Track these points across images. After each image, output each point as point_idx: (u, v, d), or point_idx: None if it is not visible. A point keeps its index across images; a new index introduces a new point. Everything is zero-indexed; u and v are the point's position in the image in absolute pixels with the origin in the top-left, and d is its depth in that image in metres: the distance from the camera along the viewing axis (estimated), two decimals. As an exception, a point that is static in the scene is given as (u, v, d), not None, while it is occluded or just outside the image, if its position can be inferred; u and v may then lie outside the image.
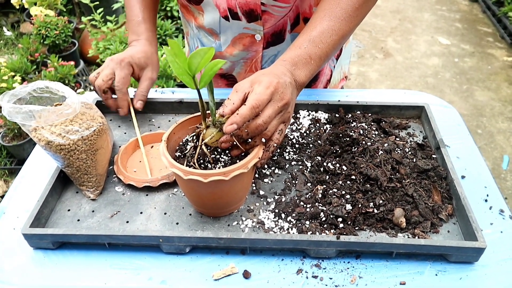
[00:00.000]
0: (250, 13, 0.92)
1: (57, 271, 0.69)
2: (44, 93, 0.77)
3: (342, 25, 0.79)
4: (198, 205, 0.75)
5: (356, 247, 0.68)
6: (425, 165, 0.80)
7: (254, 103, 0.66)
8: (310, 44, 0.77)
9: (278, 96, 0.68)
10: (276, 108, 0.68)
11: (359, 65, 3.21)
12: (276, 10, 0.93)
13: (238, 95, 0.68)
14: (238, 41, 1.00)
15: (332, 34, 0.78)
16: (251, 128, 0.67)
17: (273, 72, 0.71)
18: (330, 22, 0.78)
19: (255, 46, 1.00)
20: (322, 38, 0.77)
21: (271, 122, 0.69)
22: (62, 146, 0.73)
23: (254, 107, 0.66)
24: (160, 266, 0.70)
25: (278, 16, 0.94)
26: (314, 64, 0.77)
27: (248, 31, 0.97)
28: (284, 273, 0.68)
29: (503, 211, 0.77)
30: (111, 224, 0.75)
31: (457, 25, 3.66)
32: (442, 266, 0.69)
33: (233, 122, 0.64)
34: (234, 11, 0.93)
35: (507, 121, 2.67)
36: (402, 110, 0.96)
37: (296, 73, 0.75)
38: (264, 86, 0.67)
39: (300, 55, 0.76)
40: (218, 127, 0.68)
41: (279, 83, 0.69)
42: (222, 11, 0.94)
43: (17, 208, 0.79)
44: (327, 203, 0.75)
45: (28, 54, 2.53)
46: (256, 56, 1.02)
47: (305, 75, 0.76)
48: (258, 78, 0.70)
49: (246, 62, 1.05)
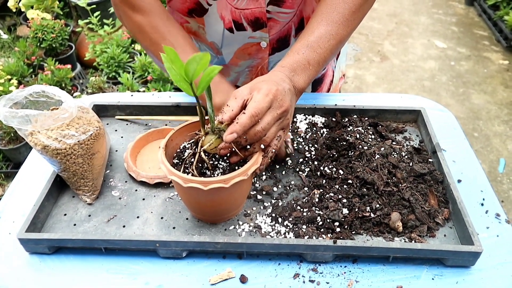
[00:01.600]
0: (256, 22, 0.92)
1: (53, 276, 0.69)
2: (41, 97, 0.77)
3: (339, 29, 0.79)
4: (197, 212, 0.75)
5: (353, 252, 0.68)
6: (421, 169, 0.80)
7: (254, 111, 0.66)
8: (308, 49, 0.77)
9: (277, 103, 0.68)
10: (275, 115, 0.68)
11: (356, 68, 3.21)
12: (281, 16, 0.92)
13: (237, 101, 0.68)
14: (242, 52, 0.99)
15: (330, 39, 0.78)
16: (250, 135, 0.67)
17: (272, 79, 0.71)
18: (327, 27, 0.78)
19: (260, 53, 0.99)
20: (320, 43, 0.77)
21: (270, 129, 0.69)
22: (58, 150, 0.73)
23: (254, 115, 0.65)
24: (156, 270, 0.70)
25: (283, 22, 0.94)
26: (312, 69, 0.77)
27: (254, 40, 0.96)
28: (281, 278, 0.68)
29: (499, 215, 0.77)
30: (108, 228, 0.75)
31: (453, 28, 3.68)
32: (439, 270, 0.69)
33: (233, 131, 0.64)
34: (239, 22, 0.92)
35: (503, 124, 2.68)
36: (399, 114, 0.96)
37: (295, 79, 0.75)
38: (263, 94, 0.67)
39: (298, 61, 0.76)
40: (217, 134, 0.68)
41: (278, 90, 0.69)
42: (227, 23, 0.93)
43: (13, 212, 0.79)
44: (324, 207, 0.75)
45: (25, 58, 2.52)
46: (262, 63, 1.01)
47: (304, 81, 0.76)
48: (257, 85, 0.70)
49: (251, 70, 1.04)
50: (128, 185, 0.83)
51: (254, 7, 0.89)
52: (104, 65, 2.50)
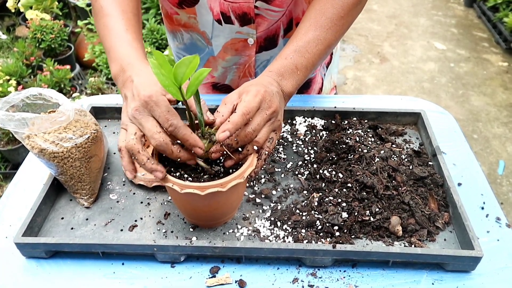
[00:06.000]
0: (243, 17, 0.92)
1: (50, 281, 0.68)
2: (38, 100, 0.76)
3: (327, 34, 0.79)
4: (192, 217, 0.74)
5: (352, 256, 0.68)
6: (421, 172, 0.79)
7: (245, 110, 0.66)
8: (296, 54, 0.77)
9: (266, 104, 0.68)
10: (265, 116, 0.68)
11: (355, 70, 3.21)
12: (270, 14, 0.93)
13: (227, 107, 0.68)
14: (230, 47, 1.00)
15: (317, 44, 0.78)
16: (241, 136, 0.67)
17: (260, 83, 0.71)
18: (315, 32, 0.78)
19: (247, 50, 0.99)
20: (308, 48, 0.78)
21: (260, 129, 0.69)
22: (55, 153, 0.72)
23: (245, 114, 0.66)
24: (154, 275, 0.69)
25: (271, 20, 0.94)
26: (300, 74, 0.77)
27: (241, 35, 0.96)
28: (280, 282, 0.68)
29: (499, 219, 0.77)
30: (105, 232, 0.74)
31: (452, 30, 3.67)
32: (439, 275, 0.69)
33: (225, 129, 0.64)
34: (227, 15, 0.93)
35: (503, 126, 2.68)
36: (399, 116, 0.95)
37: (283, 83, 0.75)
38: (252, 95, 0.67)
39: (286, 66, 0.76)
40: (207, 138, 0.67)
41: (266, 92, 0.69)
42: (215, 14, 0.93)
43: (10, 216, 0.78)
44: (323, 211, 0.74)
45: (24, 58, 2.52)
46: (249, 61, 1.02)
47: (292, 85, 0.76)
48: (245, 88, 0.70)
49: (238, 67, 1.04)
50: (126, 188, 0.82)
51: (242, 1, 0.90)
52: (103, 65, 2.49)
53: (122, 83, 0.70)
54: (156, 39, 2.58)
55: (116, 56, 0.73)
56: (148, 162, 0.64)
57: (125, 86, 0.70)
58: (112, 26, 0.77)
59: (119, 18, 0.78)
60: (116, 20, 0.78)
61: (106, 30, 0.78)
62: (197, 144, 0.65)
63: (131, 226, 0.75)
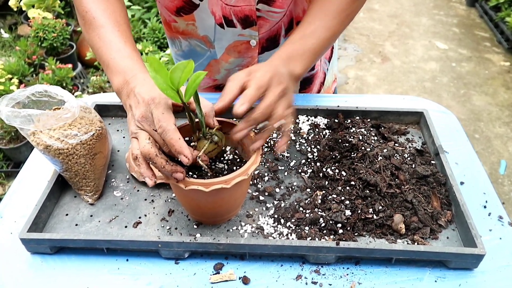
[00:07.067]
0: (245, 19, 0.93)
1: (55, 277, 0.69)
2: (43, 97, 0.76)
3: (333, 22, 0.81)
4: (196, 214, 0.74)
5: (356, 253, 0.68)
6: (424, 171, 0.80)
7: (259, 83, 0.67)
8: (304, 39, 0.79)
9: (276, 80, 0.69)
10: (278, 91, 0.69)
11: (357, 69, 3.21)
12: (271, 15, 0.93)
13: (235, 83, 0.69)
14: (232, 49, 1.00)
15: (323, 31, 0.80)
16: (257, 113, 0.67)
17: (268, 64, 0.73)
18: (321, 21, 0.81)
19: (250, 52, 1.00)
20: (314, 34, 0.80)
21: (275, 105, 0.69)
22: (60, 150, 0.73)
23: (260, 87, 0.67)
24: (159, 271, 0.69)
25: (273, 21, 0.95)
26: (308, 58, 0.78)
27: (243, 37, 0.97)
28: (284, 279, 0.68)
29: (502, 218, 0.77)
30: (110, 229, 0.74)
31: (454, 29, 3.68)
32: (442, 272, 0.69)
33: (243, 103, 0.65)
34: (229, 19, 0.93)
35: (504, 126, 2.68)
36: (401, 115, 0.96)
37: (291, 65, 0.76)
38: (262, 72, 0.69)
39: (294, 49, 0.78)
40: (208, 139, 0.67)
41: (276, 70, 0.71)
42: (217, 18, 0.94)
43: (15, 212, 0.79)
44: (326, 209, 0.75)
45: (26, 57, 2.52)
46: (251, 62, 1.02)
47: (300, 68, 0.77)
48: (254, 67, 0.72)
49: (241, 69, 1.04)
50: (130, 185, 0.83)
51: (243, 4, 0.90)
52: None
53: (127, 95, 0.70)
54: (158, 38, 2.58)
55: (118, 70, 0.73)
56: (167, 164, 0.63)
57: (130, 97, 0.69)
58: (109, 38, 0.76)
59: (114, 30, 0.77)
60: (111, 32, 0.77)
61: (101, 42, 0.76)
62: (182, 151, 0.62)
63: (135, 223, 0.75)
